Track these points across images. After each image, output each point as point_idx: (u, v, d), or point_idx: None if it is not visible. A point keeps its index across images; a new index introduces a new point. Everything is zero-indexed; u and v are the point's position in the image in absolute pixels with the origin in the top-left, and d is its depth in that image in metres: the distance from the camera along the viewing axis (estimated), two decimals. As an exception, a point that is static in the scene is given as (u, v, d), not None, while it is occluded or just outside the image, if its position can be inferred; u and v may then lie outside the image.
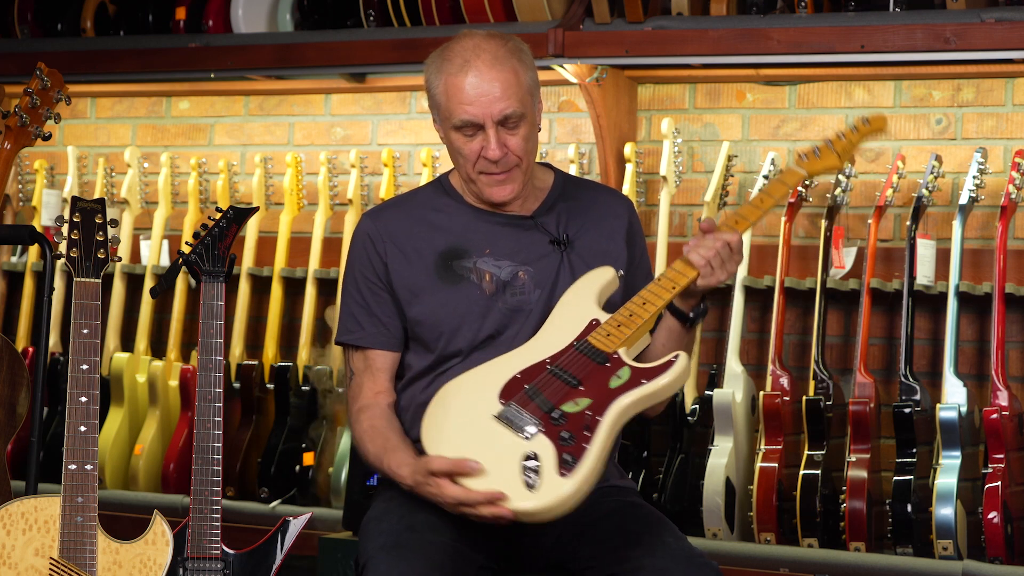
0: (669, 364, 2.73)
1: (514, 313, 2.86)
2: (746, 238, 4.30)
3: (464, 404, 2.74)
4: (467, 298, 2.86)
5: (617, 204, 3.00)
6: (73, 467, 2.98)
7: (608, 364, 2.73)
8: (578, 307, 2.83)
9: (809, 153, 2.98)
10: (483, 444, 2.68)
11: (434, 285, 2.87)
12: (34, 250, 5.18)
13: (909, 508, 3.98)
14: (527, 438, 2.67)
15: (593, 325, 2.78)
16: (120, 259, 3.37)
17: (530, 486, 2.63)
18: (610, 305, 2.84)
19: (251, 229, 4.94)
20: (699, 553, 2.77)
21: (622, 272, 2.88)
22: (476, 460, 2.64)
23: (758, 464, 4.12)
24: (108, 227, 3.11)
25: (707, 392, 4.26)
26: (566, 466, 2.64)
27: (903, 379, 4.09)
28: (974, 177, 4.12)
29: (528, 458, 2.65)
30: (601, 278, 2.86)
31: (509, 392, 2.73)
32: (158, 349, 4.99)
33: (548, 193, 2.95)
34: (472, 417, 2.72)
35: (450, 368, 2.87)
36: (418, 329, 2.89)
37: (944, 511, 3.90)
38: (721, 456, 4.16)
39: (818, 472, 4.07)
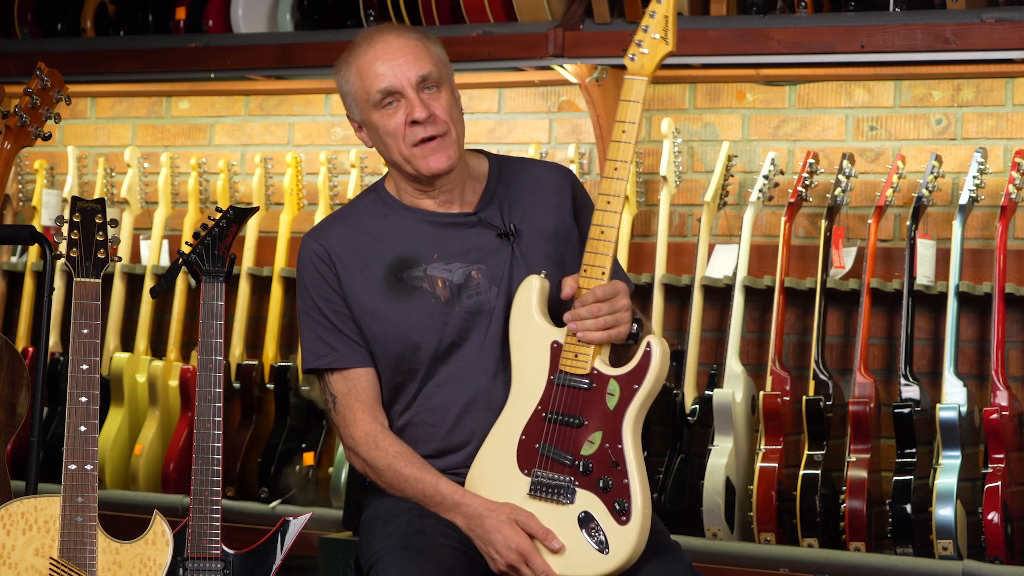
0: (648, 356, 2.70)
1: (474, 316, 2.79)
2: (746, 238, 4.31)
3: (497, 492, 2.73)
4: (424, 309, 2.80)
5: (557, 178, 2.91)
6: (73, 467, 2.98)
7: (594, 386, 2.70)
8: (531, 333, 2.75)
9: (637, 53, 2.73)
10: None
11: (388, 301, 2.81)
12: (34, 250, 5.18)
13: (909, 508, 3.98)
14: (571, 502, 2.69)
15: (556, 349, 2.73)
16: (120, 259, 3.37)
17: (602, 550, 2.66)
18: (553, 307, 2.77)
19: (251, 229, 4.94)
20: (675, 548, 2.77)
21: (545, 272, 2.78)
22: (560, 540, 2.68)
23: (758, 464, 4.12)
24: (108, 227, 3.10)
25: (707, 392, 4.26)
26: (622, 513, 2.66)
27: (903, 379, 4.09)
28: (974, 177, 4.12)
29: (582, 521, 2.68)
30: (532, 291, 2.76)
31: (526, 459, 2.72)
32: (158, 349, 4.99)
33: (486, 183, 2.88)
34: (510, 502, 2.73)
35: (417, 390, 2.82)
36: (377, 348, 2.83)
37: (944, 511, 3.90)
38: (721, 456, 4.16)
39: (818, 472, 4.07)
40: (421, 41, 2.81)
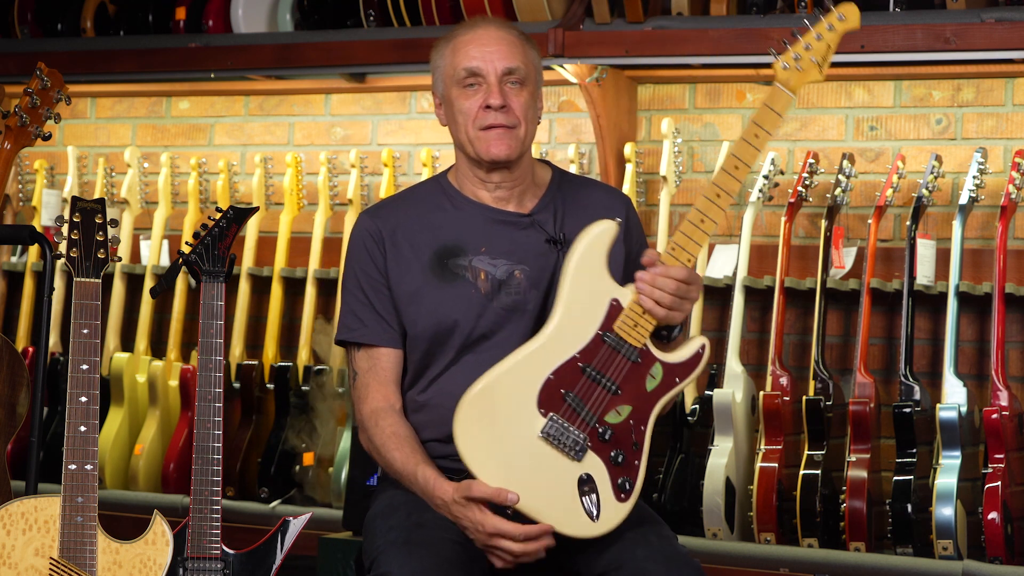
0: (698, 357, 2.74)
1: (509, 313, 2.83)
2: (746, 238, 4.31)
3: (505, 416, 2.69)
4: (462, 297, 2.85)
5: (614, 201, 2.97)
6: (73, 467, 2.98)
7: (640, 361, 2.72)
8: (593, 280, 2.73)
9: (791, 65, 2.79)
10: (534, 467, 2.67)
11: (429, 283, 2.86)
12: (34, 250, 5.18)
13: (909, 508, 3.98)
14: (578, 460, 2.68)
15: (615, 307, 2.72)
16: (120, 259, 3.38)
17: (591, 515, 2.66)
18: (614, 263, 2.77)
19: (251, 229, 4.94)
20: (682, 552, 2.76)
21: (620, 220, 2.80)
22: (516, 492, 2.64)
23: (758, 464, 4.12)
24: (108, 227, 3.11)
25: (707, 392, 4.26)
26: (623, 491, 2.67)
27: (903, 379, 4.09)
28: (974, 177, 4.12)
29: (582, 482, 2.67)
30: (607, 237, 2.74)
31: (548, 401, 2.70)
32: (158, 349, 4.99)
33: (546, 190, 2.95)
34: (516, 434, 2.68)
35: (438, 373, 2.85)
36: (412, 330, 2.87)
37: (944, 511, 3.90)
38: (721, 456, 4.16)
39: (818, 472, 4.07)
40: (519, 39, 2.89)
